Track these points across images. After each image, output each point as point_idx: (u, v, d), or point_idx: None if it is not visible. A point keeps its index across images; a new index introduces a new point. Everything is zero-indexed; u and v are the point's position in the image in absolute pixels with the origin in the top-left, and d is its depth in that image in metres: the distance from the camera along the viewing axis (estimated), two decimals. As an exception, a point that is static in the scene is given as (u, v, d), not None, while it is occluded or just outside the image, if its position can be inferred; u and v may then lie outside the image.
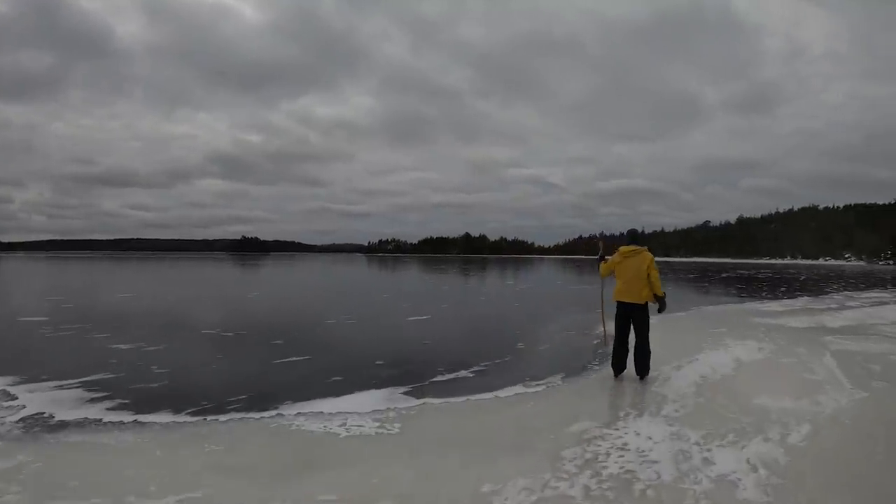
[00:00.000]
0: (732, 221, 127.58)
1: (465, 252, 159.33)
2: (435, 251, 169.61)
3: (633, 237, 5.54)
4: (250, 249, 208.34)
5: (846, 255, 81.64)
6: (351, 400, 4.77)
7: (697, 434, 3.76)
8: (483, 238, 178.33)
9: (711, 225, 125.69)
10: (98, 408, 4.54)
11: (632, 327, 5.34)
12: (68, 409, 4.46)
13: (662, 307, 5.44)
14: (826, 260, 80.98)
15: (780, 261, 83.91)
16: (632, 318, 5.30)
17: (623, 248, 5.45)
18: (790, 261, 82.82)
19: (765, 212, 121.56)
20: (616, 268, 5.44)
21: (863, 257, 75.55)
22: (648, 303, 5.32)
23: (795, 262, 72.82)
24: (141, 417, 4.41)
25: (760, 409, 4.39)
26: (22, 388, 5.06)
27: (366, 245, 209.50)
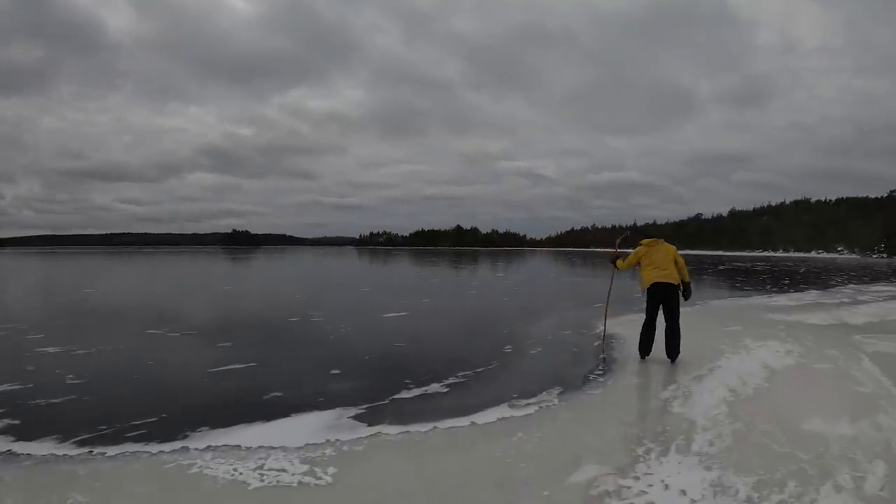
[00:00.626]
0: (725, 214, 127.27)
1: (457, 245, 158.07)
2: (427, 244, 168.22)
3: (648, 233, 5.90)
4: (241, 243, 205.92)
5: (839, 249, 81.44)
6: (283, 427, 3.67)
7: (747, 483, 2.70)
8: (475, 231, 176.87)
9: (704, 217, 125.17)
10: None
11: (661, 311, 5.45)
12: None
13: (688, 294, 5.65)
14: (818, 253, 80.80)
15: (773, 253, 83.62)
16: (664, 301, 5.42)
17: (645, 241, 5.71)
18: (783, 253, 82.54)
19: (757, 205, 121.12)
20: (643, 257, 5.59)
21: (855, 250, 75.38)
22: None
23: (789, 255, 72.47)
24: (17, 446, 3.41)
25: (816, 439, 3.35)
26: None
27: (357, 238, 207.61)
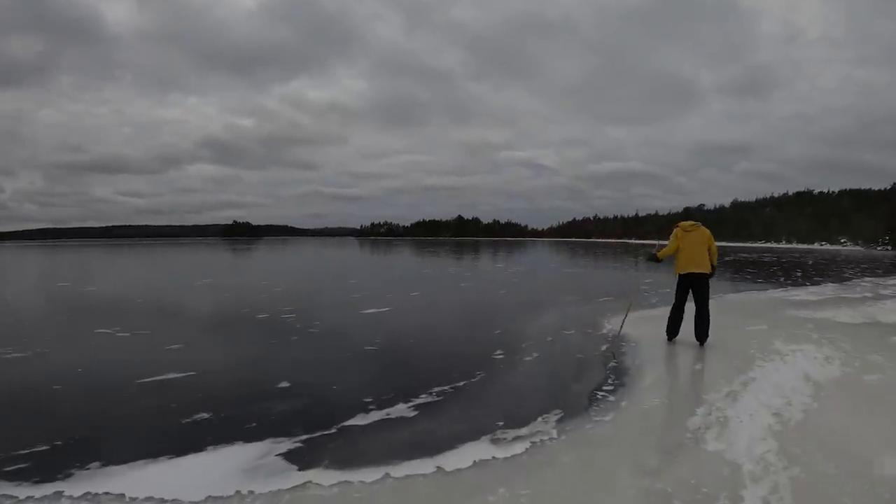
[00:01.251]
0: (727, 205, 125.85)
1: (458, 235, 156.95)
2: (428, 234, 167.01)
3: (689, 213, 6.61)
4: (241, 234, 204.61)
5: (842, 240, 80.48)
6: (191, 466, 2.77)
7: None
8: (476, 221, 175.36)
9: (706, 208, 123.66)
10: None
11: (690, 297, 5.67)
12: None
13: (712, 275, 5.80)
14: (821, 245, 79.84)
15: (777, 245, 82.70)
16: (694, 288, 5.64)
17: (683, 224, 5.77)
18: (786, 245, 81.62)
19: (759, 196, 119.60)
20: (681, 243, 5.65)
21: (858, 242, 74.43)
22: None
23: (793, 247, 71.47)
24: None
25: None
26: None
27: (358, 228, 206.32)
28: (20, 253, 45.46)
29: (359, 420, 3.46)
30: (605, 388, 4.03)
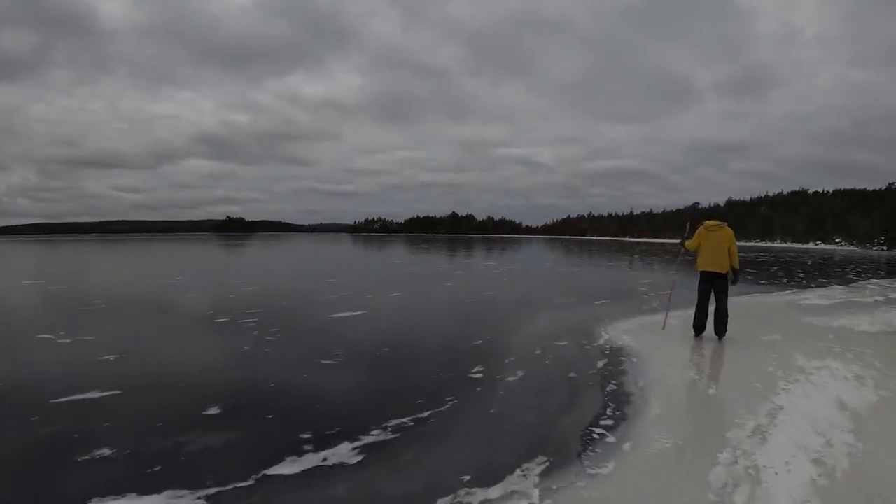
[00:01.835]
0: (722, 204, 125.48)
1: (453, 232, 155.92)
2: (422, 230, 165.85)
3: (713, 213, 6.59)
4: (235, 230, 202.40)
5: (837, 240, 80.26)
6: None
7: None
8: (470, 218, 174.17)
9: (700, 207, 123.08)
10: None
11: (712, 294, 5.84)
12: None
13: (736, 279, 6.05)
14: (816, 244, 79.66)
15: (772, 244, 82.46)
16: (713, 285, 5.83)
17: (708, 223, 5.94)
18: (781, 244, 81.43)
19: (754, 195, 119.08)
20: (703, 241, 5.87)
21: (853, 242, 74.27)
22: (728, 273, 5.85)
23: (789, 246, 71.18)
24: None
25: None
26: None
27: (352, 224, 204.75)
28: (1, 248, 44.36)
29: (286, 467, 2.69)
30: (603, 423, 3.26)
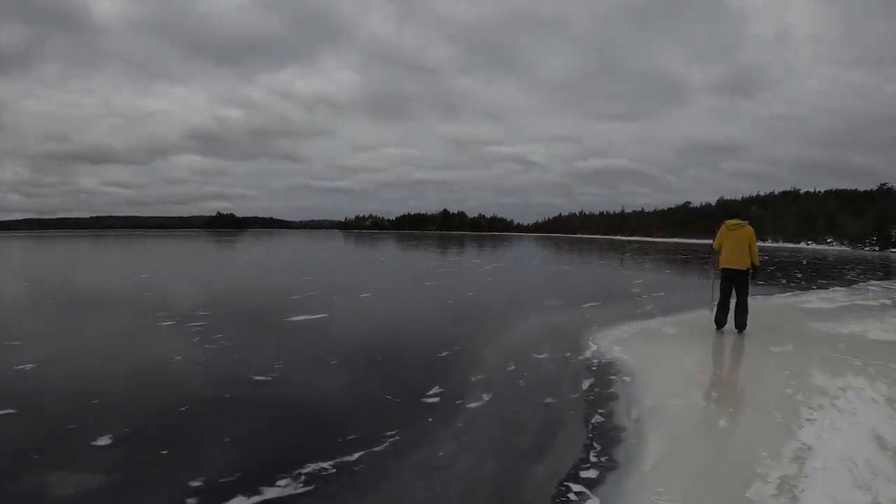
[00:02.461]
0: (713, 203, 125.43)
1: (444, 229, 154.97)
2: (413, 227, 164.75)
3: (736, 212, 7.24)
4: (226, 226, 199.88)
5: (828, 240, 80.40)
6: None
7: None
8: (461, 215, 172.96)
9: (692, 206, 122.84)
10: None
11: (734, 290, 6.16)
12: None
13: (757, 277, 6.45)
14: (808, 244, 79.75)
15: (763, 243, 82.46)
16: (734, 282, 6.15)
17: (729, 222, 6.32)
18: (772, 244, 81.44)
19: (746, 194, 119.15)
20: (724, 240, 6.23)
21: (845, 242, 74.44)
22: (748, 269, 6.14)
23: (781, 245, 71.10)
24: None
25: None
26: None
27: (343, 221, 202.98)
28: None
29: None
30: (585, 474, 2.48)
